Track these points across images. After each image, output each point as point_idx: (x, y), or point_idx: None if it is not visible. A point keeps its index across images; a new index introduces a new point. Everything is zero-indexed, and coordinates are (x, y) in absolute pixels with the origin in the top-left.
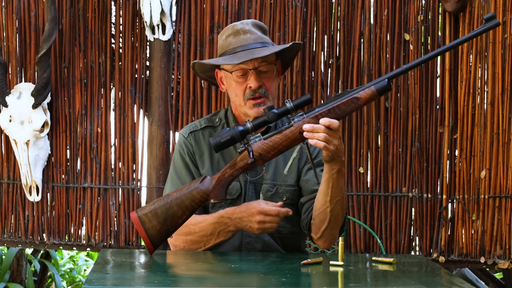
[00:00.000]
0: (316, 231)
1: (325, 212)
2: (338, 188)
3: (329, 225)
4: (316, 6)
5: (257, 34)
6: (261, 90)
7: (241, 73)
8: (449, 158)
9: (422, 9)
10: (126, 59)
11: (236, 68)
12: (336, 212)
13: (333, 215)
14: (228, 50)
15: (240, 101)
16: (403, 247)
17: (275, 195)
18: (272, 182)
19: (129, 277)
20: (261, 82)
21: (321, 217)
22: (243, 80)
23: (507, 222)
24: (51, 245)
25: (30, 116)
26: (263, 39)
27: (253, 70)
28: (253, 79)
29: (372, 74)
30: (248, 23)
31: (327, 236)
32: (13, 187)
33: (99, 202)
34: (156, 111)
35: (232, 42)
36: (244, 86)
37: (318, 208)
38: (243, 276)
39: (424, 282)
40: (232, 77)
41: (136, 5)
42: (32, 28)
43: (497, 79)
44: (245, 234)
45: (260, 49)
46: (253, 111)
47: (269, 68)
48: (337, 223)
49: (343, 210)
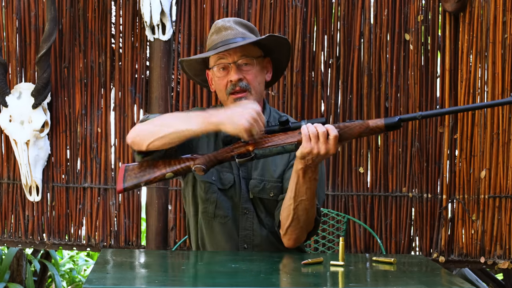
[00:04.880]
0: (282, 227)
1: (289, 209)
2: (304, 188)
3: (291, 223)
4: (316, 6)
5: (237, 30)
6: (241, 84)
7: (222, 67)
8: (449, 158)
9: (422, 9)
10: (126, 59)
11: (216, 63)
12: (300, 212)
13: (296, 214)
14: (210, 47)
15: (223, 97)
16: (403, 247)
17: (262, 190)
18: (260, 178)
19: (129, 277)
20: (241, 75)
21: (286, 213)
22: (224, 74)
23: (507, 222)
24: (51, 245)
25: (30, 116)
26: (245, 34)
27: (232, 64)
28: (233, 73)
29: (372, 74)
30: (229, 20)
31: (290, 235)
32: (13, 187)
33: (99, 202)
34: (156, 111)
35: (214, 39)
36: (225, 80)
37: (284, 204)
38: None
39: (424, 282)
40: (214, 73)
41: (136, 5)
42: (32, 28)
43: (497, 79)
44: (242, 227)
45: (238, 42)
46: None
47: (249, 61)
48: (300, 223)
49: (307, 213)
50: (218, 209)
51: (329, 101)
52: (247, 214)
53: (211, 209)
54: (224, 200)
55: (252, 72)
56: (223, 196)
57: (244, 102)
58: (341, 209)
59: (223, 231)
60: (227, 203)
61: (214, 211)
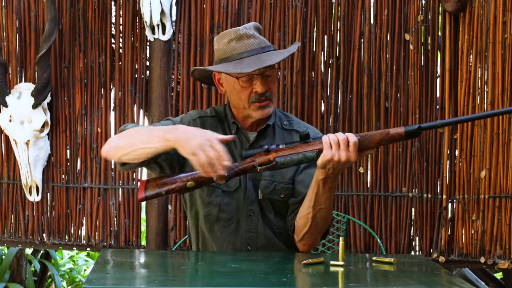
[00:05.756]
0: (297, 233)
1: (307, 217)
2: (323, 197)
3: (309, 231)
4: (316, 6)
5: (260, 38)
6: (267, 94)
7: (247, 78)
8: (449, 158)
9: (422, 9)
10: (126, 59)
11: (243, 74)
12: (318, 219)
13: (314, 222)
14: (232, 55)
15: (244, 104)
16: (403, 247)
17: (273, 191)
18: (270, 179)
19: (129, 277)
20: (267, 86)
21: (303, 221)
22: (248, 84)
23: (507, 222)
24: (51, 245)
25: (30, 116)
26: (266, 43)
27: (259, 76)
28: (260, 84)
29: (372, 74)
30: (250, 27)
31: (306, 241)
32: (13, 187)
33: (99, 202)
34: (156, 111)
35: (236, 47)
36: (250, 90)
37: (301, 212)
38: (243, 276)
39: (424, 282)
40: (238, 83)
41: (136, 5)
42: (32, 28)
43: (497, 79)
44: (245, 229)
45: (267, 55)
46: (258, 113)
47: (273, 72)
48: (317, 230)
49: (326, 220)
50: (222, 212)
51: (329, 101)
52: (251, 216)
53: (215, 212)
54: (227, 203)
55: (273, 82)
56: (228, 199)
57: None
58: (341, 209)
59: (226, 234)
60: (231, 205)
61: (217, 214)
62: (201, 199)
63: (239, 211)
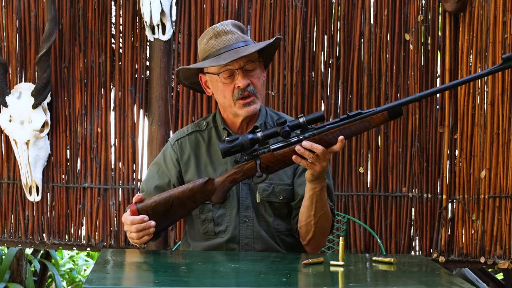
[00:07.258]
0: (303, 238)
1: (310, 224)
2: (322, 203)
3: (314, 235)
4: (316, 6)
5: (238, 34)
6: (249, 88)
7: (228, 74)
8: (449, 158)
9: (422, 9)
10: (126, 59)
11: (222, 70)
12: (321, 224)
13: (318, 227)
14: (211, 52)
15: (230, 102)
16: (403, 247)
17: (271, 194)
18: (268, 182)
19: (129, 277)
20: (248, 80)
21: (307, 228)
22: (230, 80)
23: (507, 222)
24: (51, 245)
25: (30, 116)
26: (245, 38)
27: (239, 70)
28: (241, 78)
29: (372, 74)
30: (227, 24)
31: (313, 244)
32: (13, 187)
33: (99, 202)
34: (156, 111)
35: (214, 44)
36: (232, 86)
37: (302, 221)
38: (243, 276)
39: (424, 282)
40: (219, 79)
41: (136, 5)
42: (32, 28)
43: (497, 79)
44: (242, 236)
45: (243, 48)
46: (244, 111)
47: (255, 66)
48: (323, 232)
49: (328, 222)
50: (217, 226)
51: (329, 101)
52: (247, 222)
53: (211, 227)
54: (221, 215)
55: (256, 76)
56: (220, 211)
57: (124, 218)
58: (341, 209)
59: (224, 245)
60: (226, 216)
61: (213, 229)
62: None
63: (234, 219)
